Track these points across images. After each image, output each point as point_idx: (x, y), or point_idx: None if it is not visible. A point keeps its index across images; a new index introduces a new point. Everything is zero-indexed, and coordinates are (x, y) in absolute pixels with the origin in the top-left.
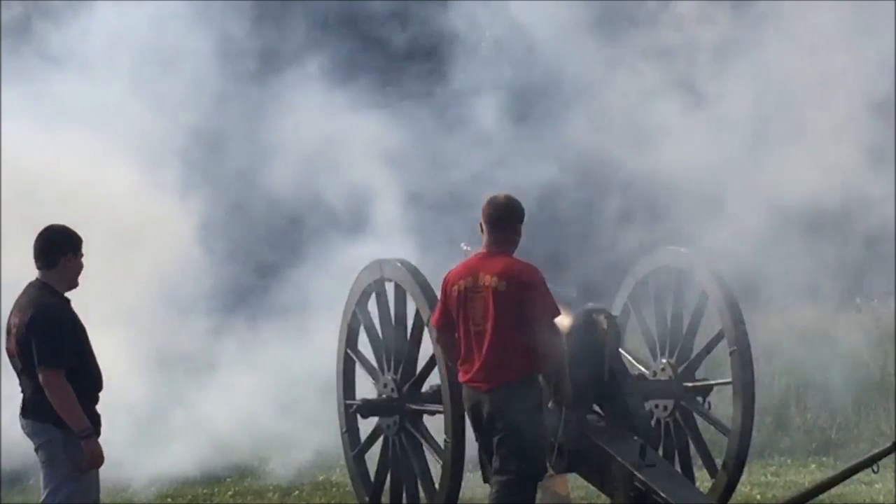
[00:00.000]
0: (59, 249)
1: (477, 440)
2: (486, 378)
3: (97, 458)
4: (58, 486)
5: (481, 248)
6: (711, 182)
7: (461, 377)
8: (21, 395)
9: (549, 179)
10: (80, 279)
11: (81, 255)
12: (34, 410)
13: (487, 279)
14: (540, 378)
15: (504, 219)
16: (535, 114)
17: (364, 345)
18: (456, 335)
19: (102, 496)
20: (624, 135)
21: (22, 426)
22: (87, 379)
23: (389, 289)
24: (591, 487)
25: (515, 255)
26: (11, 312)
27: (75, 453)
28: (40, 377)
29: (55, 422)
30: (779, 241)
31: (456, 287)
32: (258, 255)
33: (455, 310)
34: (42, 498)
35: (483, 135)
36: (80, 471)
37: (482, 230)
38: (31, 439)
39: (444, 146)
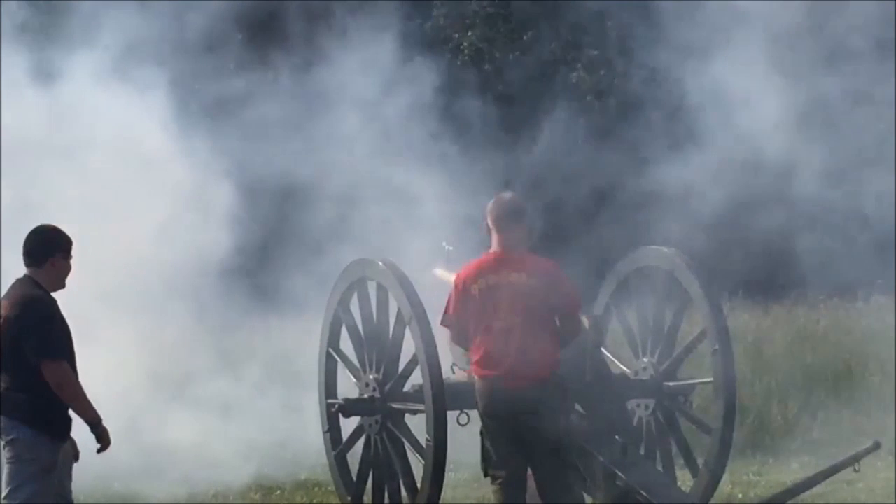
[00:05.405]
0: (48, 249)
1: (488, 431)
2: (517, 374)
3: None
4: (20, 485)
5: (494, 248)
6: None
7: (478, 372)
8: None
9: None
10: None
11: (70, 258)
12: (8, 407)
13: (513, 276)
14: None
15: (514, 217)
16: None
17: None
18: (472, 334)
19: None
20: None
21: None
22: None
23: (371, 288)
24: None
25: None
26: None
27: (41, 453)
28: (46, 371)
29: (26, 420)
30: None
31: (476, 286)
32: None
33: (476, 308)
34: (2, 495)
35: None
36: (44, 471)
37: (488, 231)
38: None
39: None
